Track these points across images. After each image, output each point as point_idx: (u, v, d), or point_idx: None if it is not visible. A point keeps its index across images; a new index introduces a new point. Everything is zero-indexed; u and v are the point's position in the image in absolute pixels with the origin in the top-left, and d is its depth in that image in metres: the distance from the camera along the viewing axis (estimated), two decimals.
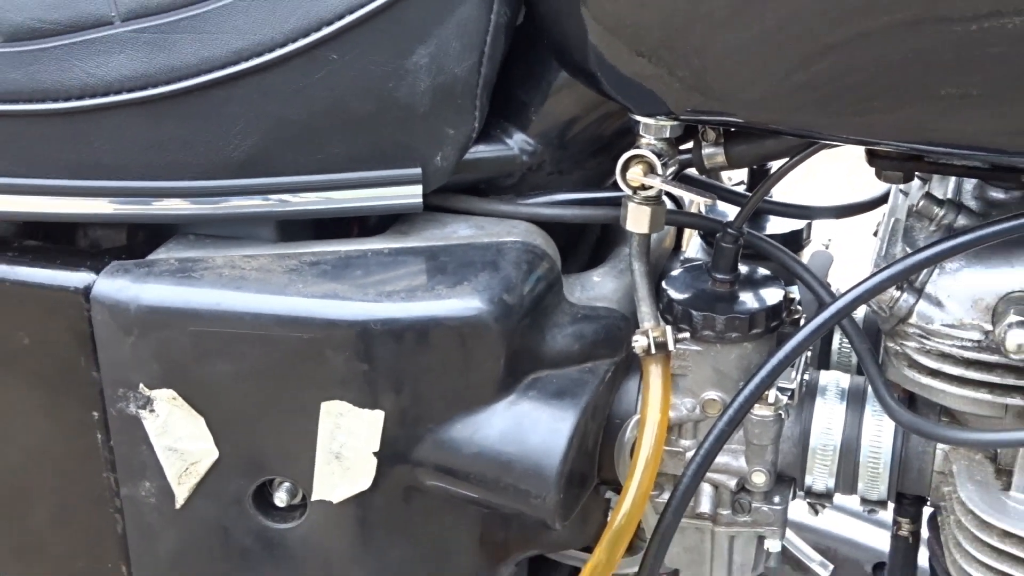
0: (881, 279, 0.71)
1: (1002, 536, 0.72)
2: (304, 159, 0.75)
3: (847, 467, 0.79)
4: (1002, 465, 0.75)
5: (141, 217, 0.76)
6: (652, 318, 0.75)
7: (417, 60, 0.73)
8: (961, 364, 0.72)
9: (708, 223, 0.82)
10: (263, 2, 0.71)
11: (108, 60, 0.71)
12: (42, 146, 0.74)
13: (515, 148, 0.80)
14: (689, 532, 0.83)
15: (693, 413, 0.80)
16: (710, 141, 0.76)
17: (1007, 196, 0.75)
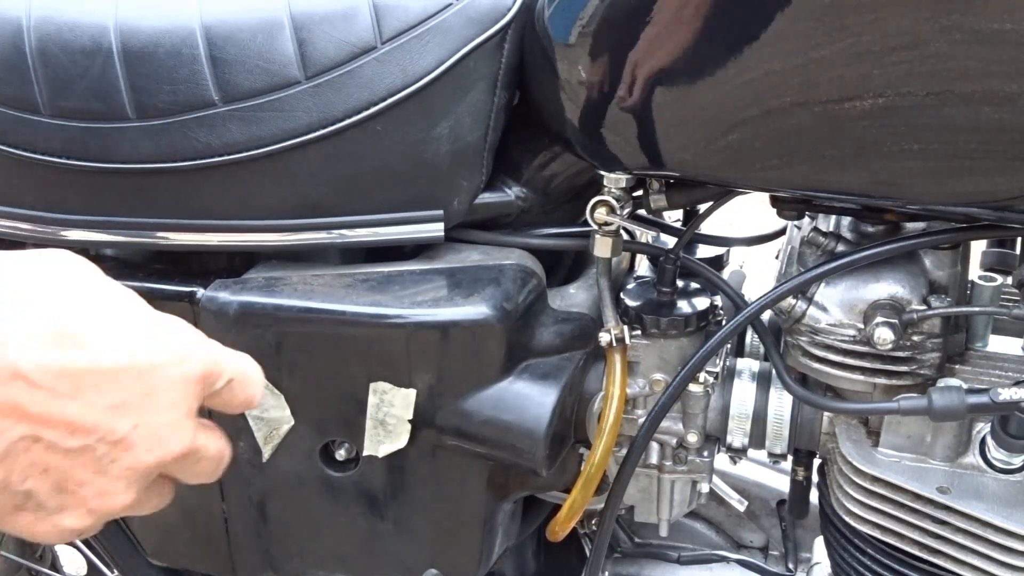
0: (781, 291, 0.71)
1: (872, 480, 0.72)
2: (357, 204, 0.75)
3: (758, 429, 0.79)
4: (872, 428, 0.76)
5: (237, 246, 0.76)
6: (613, 320, 0.75)
7: (440, 131, 0.73)
8: (841, 353, 0.72)
9: (654, 250, 0.82)
10: (326, 88, 0.71)
11: (215, 131, 0.71)
12: (164, 194, 0.74)
13: (512, 195, 0.79)
14: (641, 478, 0.83)
15: (644, 390, 0.80)
16: (655, 189, 0.76)
17: (874, 229, 0.75)
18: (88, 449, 0.43)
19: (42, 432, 0.42)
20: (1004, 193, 0.61)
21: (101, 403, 0.43)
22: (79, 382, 0.42)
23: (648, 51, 0.64)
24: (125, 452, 0.44)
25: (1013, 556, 0.67)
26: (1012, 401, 0.64)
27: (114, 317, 0.45)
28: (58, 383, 0.42)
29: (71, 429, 0.43)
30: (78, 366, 0.42)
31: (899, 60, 0.57)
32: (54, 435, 0.42)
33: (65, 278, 0.45)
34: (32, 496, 0.44)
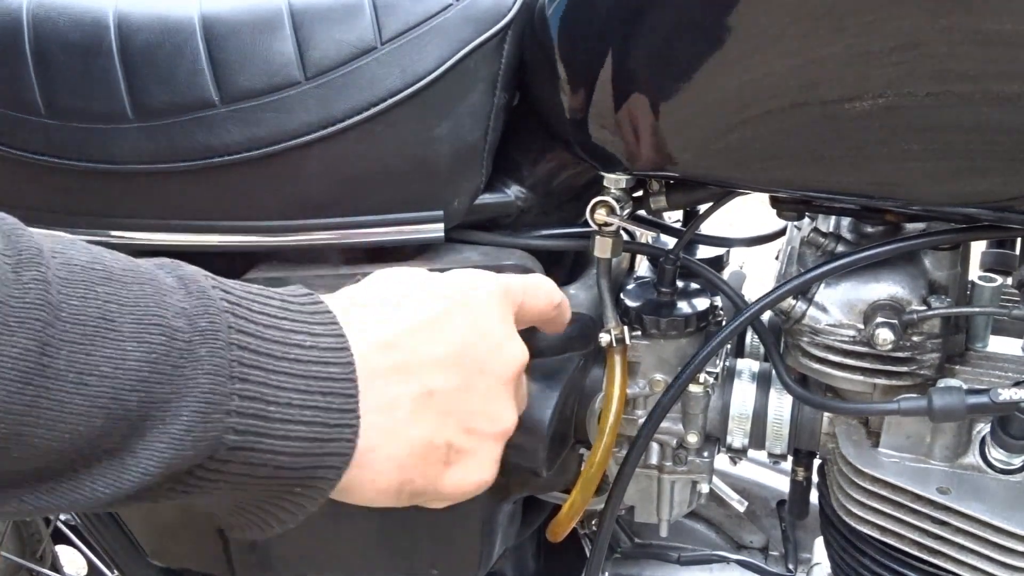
0: (782, 291, 0.71)
1: (872, 481, 0.72)
2: (357, 204, 0.75)
3: (757, 429, 0.79)
4: (872, 428, 0.76)
5: (238, 247, 0.76)
6: (614, 320, 0.75)
7: (440, 132, 0.73)
8: (841, 354, 0.73)
9: (654, 250, 0.82)
10: (327, 89, 0.71)
11: (215, 132, 0.71)
12: (165, 195, 0.74)
13: (512, 196, 0.79)
14: (641, 478, 0.83)
15: (644, 390, 0.80)
16: (655, 190, 0.76)
17: (874, 230, 0.75)
18: (466, 381, 0.51)
19: (427, 381, 0.50)
20: (1004, 193, 0.61)
21: (450, 340, 0.51)
22: (425, 333, 0.51)
23: (648, 51, 0.64)
24: (489, 371, 0.53)
25: (1013, 556, 0.67)
26: (1012, 401, 0.64)
27: (426, 283, 0.54)
28: (413, 338, 0.50)
29: (444, 367, 0.50)
30: (418, 320, 0.51)
31: (899, 60, 0.57)
32: (439, 379, 0.50)
33: (394, 273, 0.55)
34: (452, 446, 0.51)
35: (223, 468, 0.44)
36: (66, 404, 0.38)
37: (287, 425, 0.45)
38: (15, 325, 0.37)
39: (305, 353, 0.46)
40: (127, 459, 0.41)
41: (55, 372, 0.38)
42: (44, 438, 0.38)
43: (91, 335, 0.40)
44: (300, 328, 0.47)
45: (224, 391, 0.43)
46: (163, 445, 0.41)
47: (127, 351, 0.40)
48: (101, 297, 0.41)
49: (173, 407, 0.41)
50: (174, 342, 0.42)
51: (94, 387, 0.39)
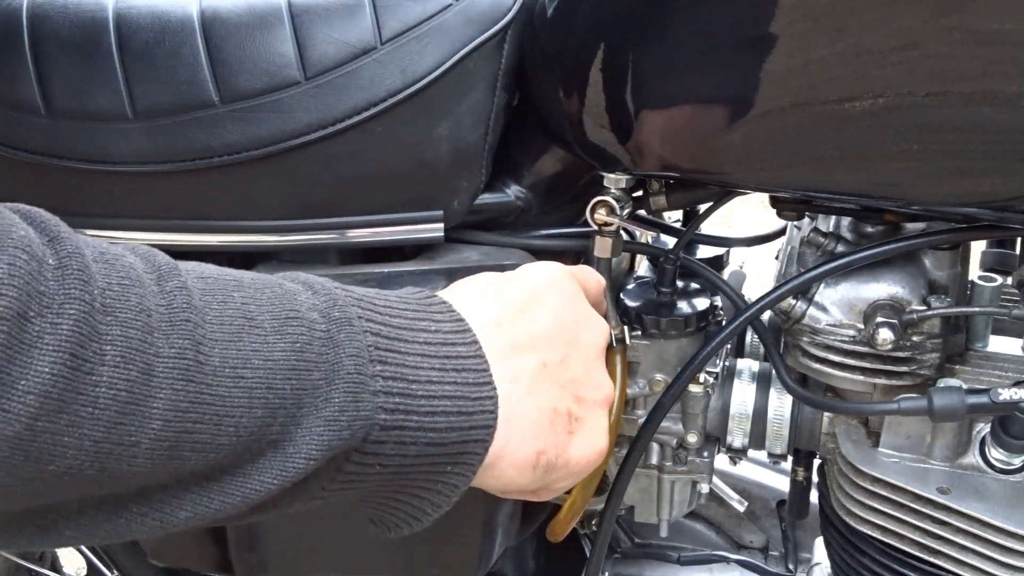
0: (782, 291, 0.71)
1: (872, 481, 0.72)
2: (357, 204, 0.75)
3: (757, 429, 0.79)
4: (872, 428, 0.76)
5: (238, 247, 0.76)
6: (614, 320, 0.75)
7: (440, 132, 0.73)
8: (841, 354, 0.73)
9: (654, 250, 0.82)
10: (327, 89, 0.71)
11: (214, 132, 0.71)
12: (164, 194, 0.74)
13: (512, 196, 0.79)
14: (642, 478, 0.83)
15: (644, 390, 0.80)
16: (655, 190, 0.76)
17: (874, 229, 0.75)
18: (567, 354, 0.55)
19: (539, 355, 0.53)
20: (1004, 193, 0.61)
21: (547, 317, 0.55)
22: (526, 314, 0.55)
23: (648, 51, 0.64)
24: (582, 344, 0.56)
25: (1013, 556, 0.67)
26: (1012, 401, 0.64)
27: (507, 276, 0.58)
28: (518, 318, 0.54)
29: (548, 342, 0.54)
30: (516, 303, 0.55)
31: (899, 60, 0.57)
32: (547, 353, 0.54)
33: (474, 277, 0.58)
34: (571, 414, 0.55)
35: (378, 450, 0.46)
36: (226, 398, 0.40)
37: (431, 401, 0.47)
38: (167, 329, 0.39)
39: (432, 336, 0.49)
40: (289, 448, 0.43)
41: (212, 368, 0.40)
42: (211, 433, 0.40)
43: (237, 332, 0.42)
44: (422, 316, 0.50)
45: (368, 372, 0.45)
46: (321, 428, 0.43)
47: (272, 344, 0.43)
48: (238, 300, 0.43)
49: (324, 391, 0.44)
50: (313, 332, 0.44)
51: (249, 379, 0.41)
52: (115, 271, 0.39)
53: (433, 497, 0.51)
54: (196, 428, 0.39)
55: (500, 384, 0.50)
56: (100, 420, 0.36)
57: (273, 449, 0.42)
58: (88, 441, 0.36)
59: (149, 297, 0.39)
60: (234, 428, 0.41)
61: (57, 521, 0.39)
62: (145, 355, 0.38)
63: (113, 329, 0.37)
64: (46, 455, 0.35)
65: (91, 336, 0.36)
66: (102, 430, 0.36)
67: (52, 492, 0.37)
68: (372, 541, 0.83)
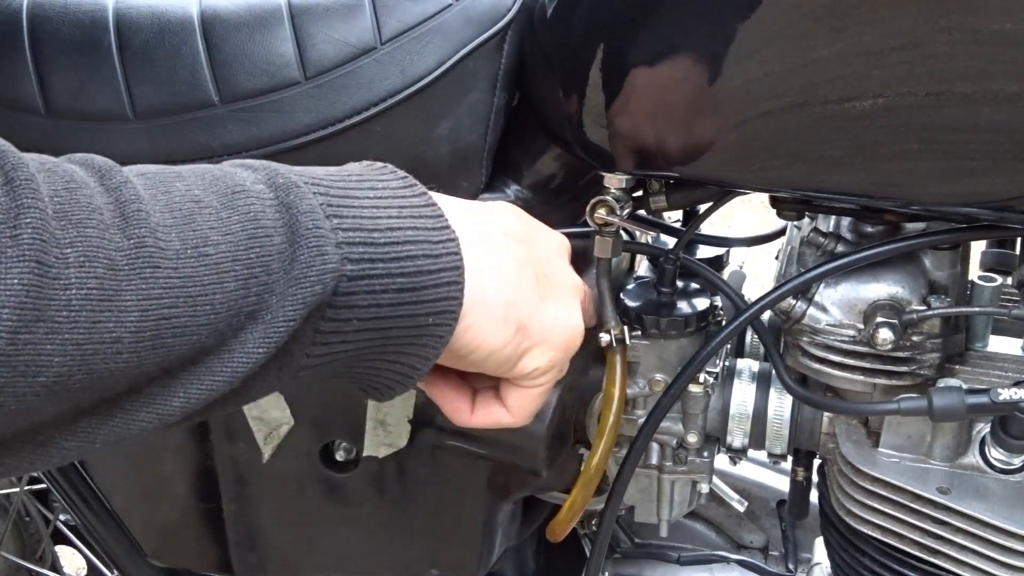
0: (782, 291, 0.71)
1: (872, 481, 0.72)
2: None
3: (757, 429, 0.79)
4: (872, 428, 0.76)
5: None
6: (613, 320, 0.75)
7: (440, 132, 0.73)
8: (841, 354, 0.72)
9: (654, 250, 0.82)
10: (326, 89, 0.71)
11: (214, 132, 0.71)
12: None
13: (512, 196, 0.79)
14: (641, 478, 0.83)
15: (644, 390, 0.80)
16: (655, 190, 0.76)
17: (874, 229, 0.75)
18: (531, 246, 0.58)
19: (504, 227, 0.56)
20: (1004, 193, 0.61)
21: (506, 217, 0.58)
22: (497, 213, 0.58)
23: (648, 51, 0.64)
24: (542, 243, 0.60)
25: (1013, 556, 0.67)
26: (1012, 401, 0.64)
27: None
28: (487, 211, 0.57)
29: (512, 230, 0.57)
30: (486, 207, 0.59)
31: (899, 60, 0.57)
32: (511, 231, 0.57)
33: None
34: (541, 276, 0.57)
35: (350, 302, 0.46)
36: (195, 278, 0.41)
37: (395, 247, 0.48)
38: (121, 223, 0.39)
39: (381, 192, 0.50)
40: (266, 315, 0.43)
41: (174, 252, 0.40)
42: (188, 316, 0.40)
43: (188, 215, 0.42)
44: (367, 178, 0.50)
45: (326, 227, 0.45)
46: (292, 289, 0.44)
47: (226, 219, 0.43)
48: (181, 188, 0.43)
49: (288, 252, 0.44)
50: (263, 201, 0.45)
51: (213, 255, 0.42)
52: (59, 177, 0.39)
53: (420, 351, 0.51)
54: (173, 313, 0.40)
55: (463, 239, 0.51)
56: (78, 322, 0.36)
57: (252, 320, 0.43)
58: (71, 345, 0.36)
59: (96, 196, 0.39)
60: (210, 306, 0.41)
61: (54, 435, 0.40)
62: (106, 251, 0.38)
63: (70, 231, 0.37)
64: (32, 367, 0.35)
65: (50, 242, 0.36)
66: (82, 332, 0.37)
67: (45, 405, 0.37)
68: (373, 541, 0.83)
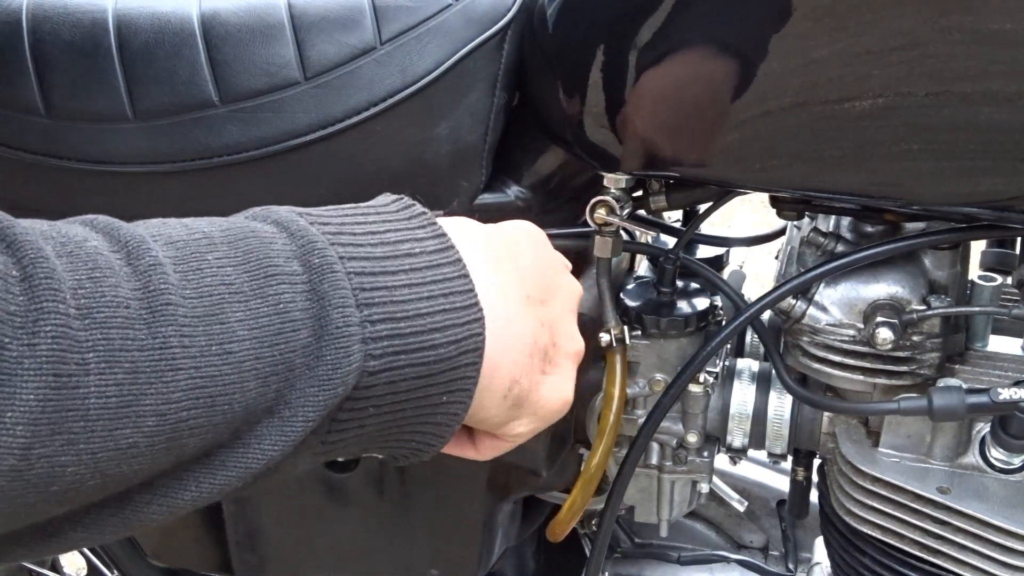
0: (782, 291, 0.71)
1: (873, 481, 0.72)
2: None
3: (757, 429, 0.79)
4: (872, 428, 0.76)
5: None
6: (613, 320, 0.75)
7: (440, 132, 0.73)
8: (841, 353, 0.72)
9: (654, 250, 0.82)
10: (326, 89, 0.71)
11: (214, 132, 0.71)
12: (164, 195, 0.74)
13: (512, 196, 0.79)
14: (641, 478, 0.83)
15: (644, 390, 0.80)
16: (655, 190, 0.76)
17: (873, 229, 0.75)
18: (547, 296, 0.55)
19: (523, 284, 0.53)
20: (1004, 193, 0.61)
21: (529, 256, 0.56)
22: (510, 246, 0.55)
23: (648, 51, 0.64)
24: (561, 293, 0.57)
25: (1013, 556, 0.67)
26: (1012, 401, 0.64)
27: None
28: (502, 244, 0.55)
29: (532, 276, 0.54)
30: (500, 237, 0.56)
31: (899, 60, 0.57)
32: (530, 286, 0.54)
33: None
34: (546, 353, 0.54)
35: (368, 393, 0.44)
36: (217, 377, 0.39)
37: (421, 337, 0.45)
38: (148, 317, 0.37)
39: (416, 261, 0.47)
40: (285, 412, 0.41)
41: (199, 350, 0.38)
42: (206, 416, 0.39)
43: (219, 303, 0.40)
44: (404, 237, 0.48)
45: (355, 320, 0.43)
46: (315, 389, 0.42)
47: (255, 308, 0.41)
48: (214, 264, 0.41)
49: (314, 349, 0.42)
50: (296, 287, 0.42)
51: (237, 353, 0.39)
52: (82, 264, 0.37)
53: (434, 429, 0.49)
54: (191, 415, 0.38)
55: (486, 302, 0.48)
56: (95, 432, 0.35)
57: (269, 416, 0.41)
58: (86, 455, 0.35)
59: (123, 285, 0.37)
60: (228, 406, 0.39)
61: (63, 526, 0.38)
62: (129, 352, 0.36)
63: (93, 333, 0.35)
64: (45, 479, 0.34)
65: (71, 348, 0.34)
66: (98, 441, 0.35)
67: (56, 508, 0.36)
68: (373, 541, 0.83)
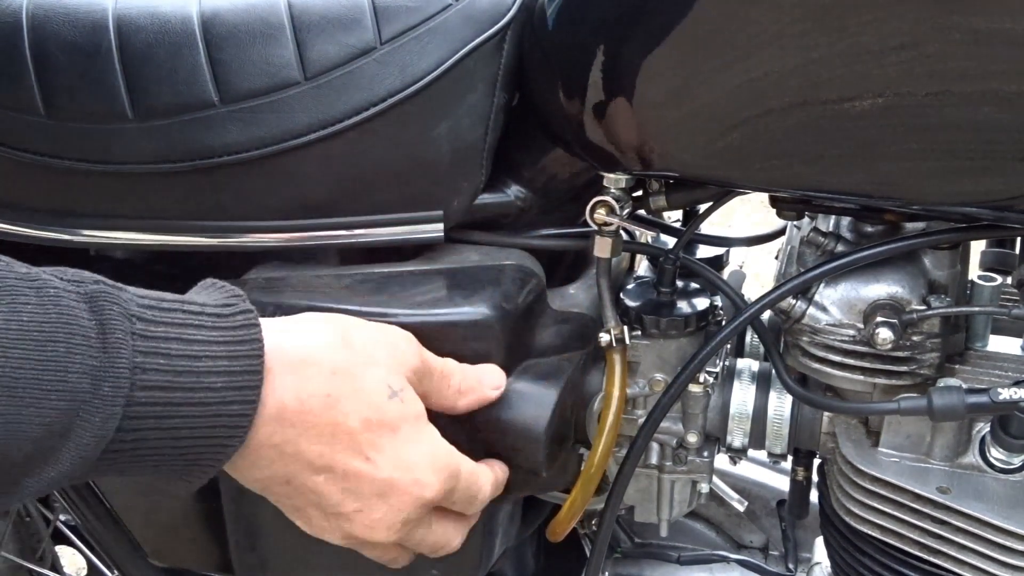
0: (781, 291, 0.71)
1: (872, 481, 0.72)
2: (357, 204, 0.75)
3: (757, 429, 0.79)
4: (872, 428, 0.76)
5: (237, 247, 0.76)
6: (613, 320, 0.75)
7: (440, 131, 0.73)
8: (841, 353, 0.73)
9: (654, 250, 0.82)
10: (327, 89, 0.71)
11: (214, 132, 0.71)
12: (164, 195, 0.74)
13: (511, 196, 0.79)
14: (641, 478, 0.83)
15: (644, 390, 0.80)
16: (655, 190, 0.76)
17: (873, 229, 0.75)
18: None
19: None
20: (1004, 193, 0.61)
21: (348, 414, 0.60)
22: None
23: (648, 51, 0.64)
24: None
25: (1013, 556, 0.67)
26: (1012, 401, 0.64)
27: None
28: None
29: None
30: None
31: (899, 60, 0.57)
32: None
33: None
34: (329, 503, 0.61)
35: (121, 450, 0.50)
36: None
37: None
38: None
39: (213, 395, 0.52)
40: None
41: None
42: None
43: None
44: (218, 368, 0.53)
45: (108, 441, 0.48)
46: (44, 483, 0.47)
47: (24, 416, 0.45)
48: (11, 363, 0.44)
49: (56, 457, 0.46)
50: (73, 404, 0.46)
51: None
52: None
53: (187, 477, 0.55)
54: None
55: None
56: None
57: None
58: None
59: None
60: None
61: None
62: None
63: None
64: None
65: None
66: None
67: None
68: None
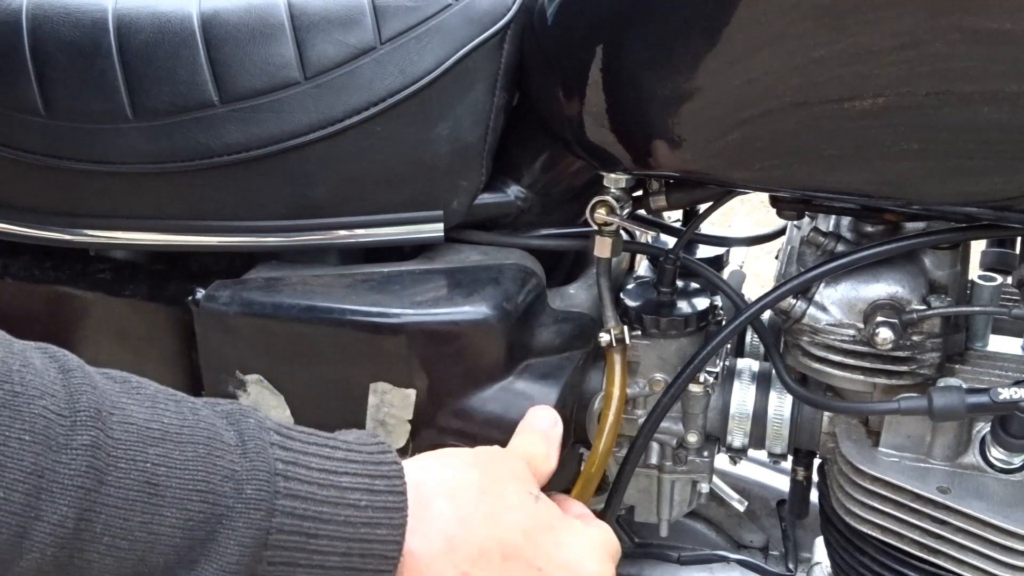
0: (782, 291, 0.71)
1: (872, 480, 0.72)
2: (357, 204, 0.75)
3: (757, 429, 0.79)
4: (872, 428, 0.76)
5: (238, 247, 0.76)
6: (613, 320, 0.75)
7: (440, 132, 0.73)
8: (841, 353, 0.72)
9: (654, 250, 0.82)
10: (326, 89, 0.71)
11: (214, 132, 0.71)
12: (164, 195, 0.74)
13: (512, 196, 0.79)
14: (641, 478, 0.83)
15: (644, 390, 0.80)
16: (655, 190, 0.76)
17: (873, 229, 0.75)
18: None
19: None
20: (1004, 193, 0.61)
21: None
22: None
23: (648, 51, 0.64)
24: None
25: (1013, 556, 0.67)
26: (1012, 401, 0.64)
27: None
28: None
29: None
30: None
31: (899, 60, 0.57)
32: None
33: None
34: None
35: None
36: (94, 563, 0.40)
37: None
38: (58, 493, 0.39)
39: (358, 515, 0.47)
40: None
41: (90, 536, 0.40)
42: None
43: (132, 500, 0.41)
44: (359, 484, 0.48)
45: (253, 558, 0.44)
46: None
47: (165, 517, 0.42)
48: (151, 459, 0.42)
49: (199, 568, 0.43)
50: (215, 508, 0.43)
51: (125, 550, 0.41)
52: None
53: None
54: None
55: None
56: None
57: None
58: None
59: (52, 453, 0.39)
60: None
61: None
62: (24, 519, 0.38)
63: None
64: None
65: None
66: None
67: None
68: None
